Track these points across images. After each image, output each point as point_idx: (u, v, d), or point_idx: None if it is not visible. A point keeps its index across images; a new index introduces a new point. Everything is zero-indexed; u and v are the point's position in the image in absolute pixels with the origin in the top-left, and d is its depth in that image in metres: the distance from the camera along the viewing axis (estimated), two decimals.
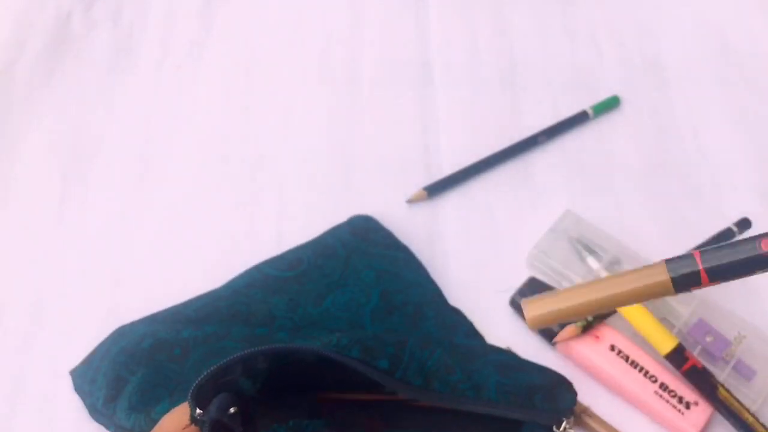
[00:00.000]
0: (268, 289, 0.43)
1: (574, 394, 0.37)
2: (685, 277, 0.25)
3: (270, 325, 0.42)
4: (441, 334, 0.42)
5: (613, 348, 0.42)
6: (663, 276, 0.25)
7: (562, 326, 0.43)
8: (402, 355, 0.35)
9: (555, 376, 0.38)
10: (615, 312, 0.43)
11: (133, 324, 0.41)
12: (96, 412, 0.39)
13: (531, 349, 0.43)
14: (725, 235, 0.46)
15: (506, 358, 0.39)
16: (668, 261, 0.25)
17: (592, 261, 0.45)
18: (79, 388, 0.40)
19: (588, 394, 0.42)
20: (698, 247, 0.44)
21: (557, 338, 0.42)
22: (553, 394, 0.37)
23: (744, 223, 0.46)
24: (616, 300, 0.26)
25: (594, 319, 0.42)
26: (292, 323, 0.42)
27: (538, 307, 0.27)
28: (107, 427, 0.38)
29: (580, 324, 0.42)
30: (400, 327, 0.43)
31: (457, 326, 0.43)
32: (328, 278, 0.44)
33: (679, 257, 0.25)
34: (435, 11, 0.62)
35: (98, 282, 0.47)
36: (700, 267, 0.25)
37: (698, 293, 0.44)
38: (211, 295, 0.43)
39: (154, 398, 0.36)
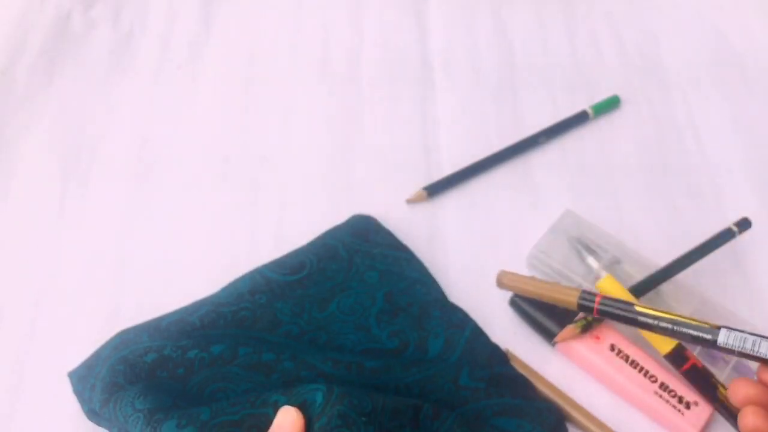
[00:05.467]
0: (272, 294, 0.43)
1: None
2: (584, 306, 0.40)
3: (275, 331, 0.42)
4: (448, 334, 0.43)
5: (613, 348, 0.42)
6: (573, 299, 0.40)
7: (562, 326, 0.43)
8: (418, 420, 0.36)
9: (551, 413, 0.40)
10: None
11: (136, 330, 0.41)
12: (95, 416, 0.38)
13: (531, 349, 0.44)
14: (725, 235, 0.46)
15: (510, 402, 0.40)
16: (583, 292, 0.40)
17: (592, 261, 0.45)
18: (78, 392, 0.40)
19: (588, 394, 0.42)
20: (699, 248, 0.44)
21: (557, 338, 0.42)
22: None
23: (744, 223, 0.46)
24: (548, 297, 0.41)
25: (593, 319, 0.42)
26: (299, 328, 0.42)
27: (509, 280, 0.43)
28: (109, 430, 0.38)
29: (579, 324, 0.42)
30: (406, 328, 0.43)
31: (463, 324, 0.43)
32: (332, 281, 0.44)
33: (588, 293, 0.40)
34: (435, 11, 0.62)
35: (98, 282, 0.47)
36: (595, 306, 0.39)
37: (699, 293, 0.44)
38: (215, 300, 0.43)
39: (159, 408, 0.35)
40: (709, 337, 0.35)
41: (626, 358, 0.42)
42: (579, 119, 0.54)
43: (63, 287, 0.46)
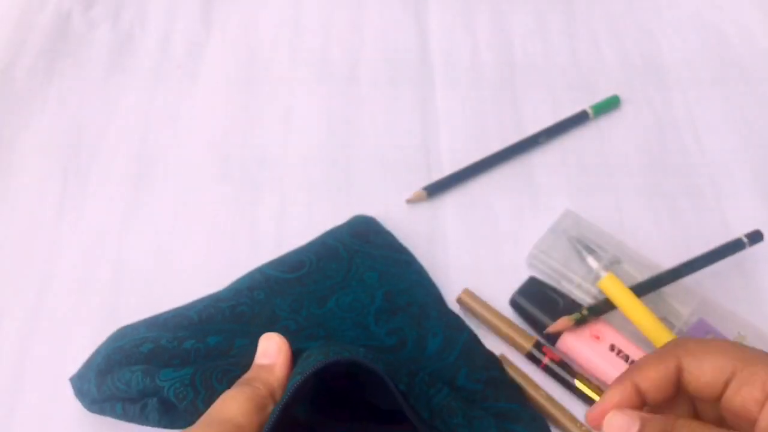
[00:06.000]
0: (271, 290, 0.43)
1: None
2: (532, 356, 0.43)
3: (273, 326, 0.41)
4: (447, 333, 0.43)
5: (612, 348, 0.42)
6: (527, 345, 0.43)
7: (555, 319, 0.43)
8: (413, 385, 0.35)
9: (544, 423, 0.40)
10: (613, 309, 0.43)
11: (135, 326, 0.41)
12: (95, 404, 0.38)
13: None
14: (735, 245, 0.45)
15: (505, 406, 0.40)
16: (538, 342, 0.43)
17: (592, 261, 0.45)
18: (79, 391, 0.40)
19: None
20: (707, 255, 0.45)
21: (550, 329, 0.42)
22: None
23: (756, 236, 0.46)
24: (501, 333, 0.44)
25: (588, 313, 0.42)
26: (296, 324, 0.42)
27: (471, 301, 0.45)
28: (112, 410, 0.37)
29: (574, 316, 0.42)
30: (405, 326, 0.42)
31: (461, 328, 0.43)
32: (331, 280, 0.44)
33: (541, 347, 0.43)
34: (435, 11, 0.62)
35: (98, 281, 0.47)
36: (543, 361, 0.42)
37: (699, 293, 0.44)
38: (213, 296, 0.43)
39: (157, 367, 0.36)
40: None
41: (626, 358, 0.42)
42: (579, 119, 0.54)
43: (63, 287, 0.46)
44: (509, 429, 0.38)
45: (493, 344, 0.43)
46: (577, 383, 0.41)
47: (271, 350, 0.33)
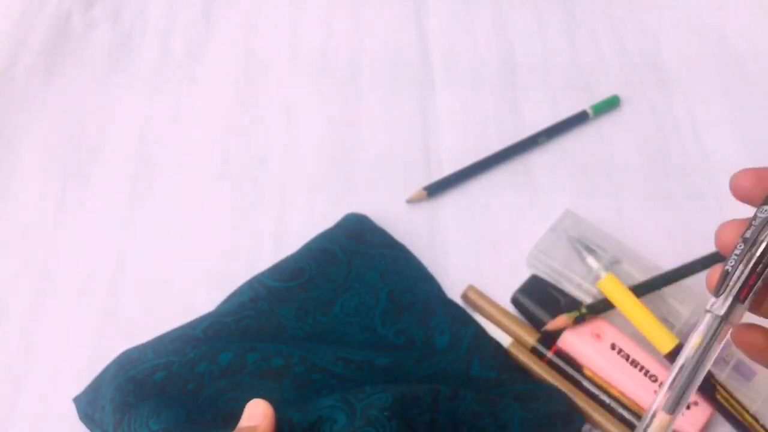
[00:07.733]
0: (274, 299, 0.42)
1: (582, 415, 0.41)
2: (537, 350, 0.43)
3: (280, 337, 0.41)
4: (453, 329, 0.43)
5: (613, 347, 0.42)
6: (531, 340, 0.43)
7: (554, 316, 0.43)
8: (438, 404, 0.36)
9: (564, 396, 0.40)
10: (612, 308, 0.43)
11: (139, 348, 0.40)
12: None
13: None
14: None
15: (522, 387, 0.40)
16: (541, 337, 0.42)
17: (591, 261, 0.45)
18: (86, 416, 0.39)
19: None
20: (709, 257, 0.44)
21: (548, 326, 0.43)
22: (571, 417, 0.40)
23: None
24: (505, 328, 0.44)
25: (587, 311, 0.42)
26: (303, 332, 0.41)
27: (475, 296, 0.45)
28: None
29: (572, 315, 0.42)
30: (411, 326, 0.42)
31: (466, 319, 0.43)
32: (334, 283, 0.44)
33: (546, 342, 0.42)
34: (435, 11, 0.62)
35: (98, 281, 0.47)
36: (547, 356, 0.42)
37: (699, 293, 0.44)
38: (216, 312, 0.42)
39: (174, 428, 0.35)
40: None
41: (627, 357, 0.42)
42: (579, 119, 0.54)
43: (63, 287, 0.46)
44: (530, 408, 0.38)
45: (499, 336, 0.43)
46: (586, 372, 0.42)
47: (257, 414, 0.34)
